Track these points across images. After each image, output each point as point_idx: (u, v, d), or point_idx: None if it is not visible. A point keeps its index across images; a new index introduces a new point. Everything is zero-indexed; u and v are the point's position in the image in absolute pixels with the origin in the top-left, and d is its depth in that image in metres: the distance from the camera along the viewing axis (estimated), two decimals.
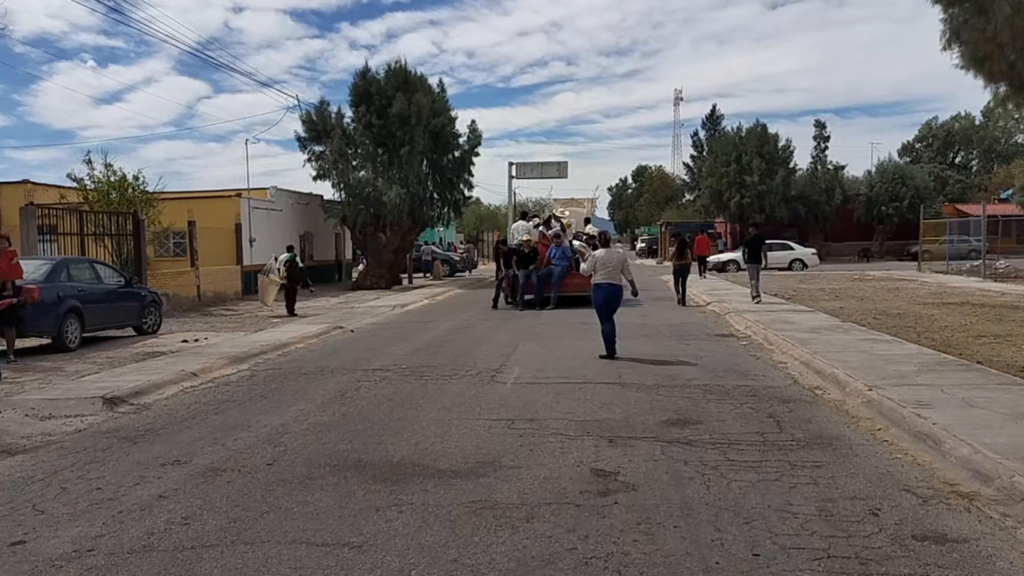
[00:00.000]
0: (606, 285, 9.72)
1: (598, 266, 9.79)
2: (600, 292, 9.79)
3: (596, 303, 9.92)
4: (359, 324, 14.88)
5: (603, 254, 9.94)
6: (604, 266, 9.75)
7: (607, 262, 9.77)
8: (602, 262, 9.79)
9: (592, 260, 9.98)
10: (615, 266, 9.79)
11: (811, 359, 8.88)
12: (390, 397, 7.61)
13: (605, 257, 9.85)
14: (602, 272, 9.75)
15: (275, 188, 26.72)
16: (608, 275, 9.74)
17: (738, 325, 13.07)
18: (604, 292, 9.75)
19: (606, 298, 9.76)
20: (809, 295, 19.40)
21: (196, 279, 21.02)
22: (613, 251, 10.09)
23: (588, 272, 10.07)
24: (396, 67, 27.55)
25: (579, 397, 7.38)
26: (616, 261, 9.83)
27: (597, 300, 9.88)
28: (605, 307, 9.80)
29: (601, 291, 9.77)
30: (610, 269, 9.74)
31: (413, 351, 10.87)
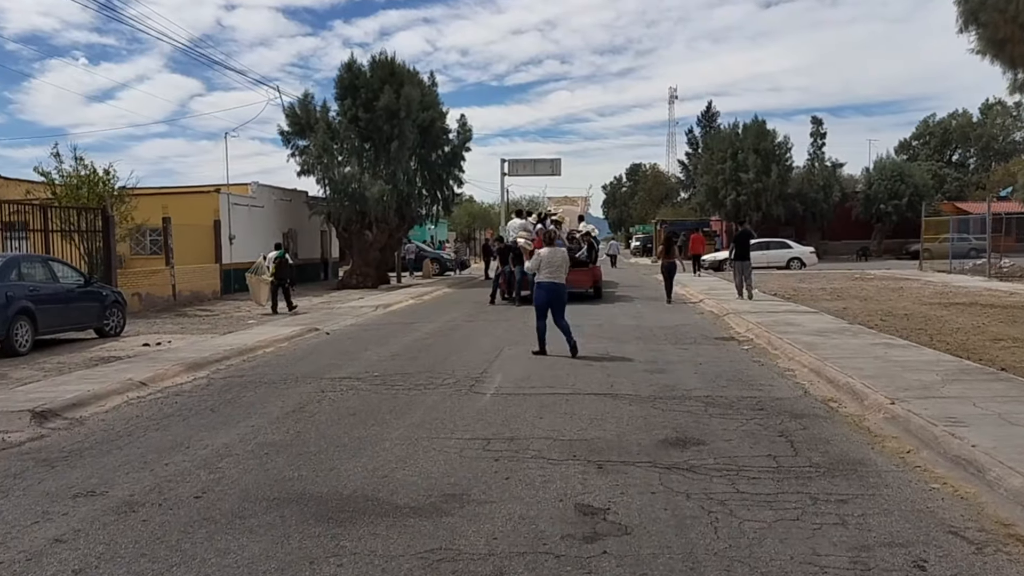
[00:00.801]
0: (548, 284, 9.71)
1: (542, 265, 9.74)
2: (542, 291, 9.77)
3: (538, 302, 9.89)
4: (337, 326, 14.05)
5: (547, 253, 9.82)
6: (548, 265, 9.71)
7: (551, 261, 9.74)
8: (546, 261, 9.73)
9: (536, 259, 9.88)
10: (559, 265, 9.80)
11: (822, 366, 8.10)
12: (354, 411, 6.79)
13: (549, 256, 9.78)
14: (546, 271, 9.72)
15: (256, 184, 25.84)
16: (552, 274, 9.73)
17: (738, 327, 12.29)
18: (546, 291, 9.74)
19: (548, 296, 9.75)
20: (810, 295, 18.64)
21: (171, 278, 20.15)
22: (557, 250, 10.02)
23: (532, 271, 10.04)
24: (382, 59, 26.69)
25: (566, 411, 6.58)
26: (560, 260, 9.85)
27: (539, 299, 9.85)
28: (547, 305, 9.79)
29: (543, 290, 9.75)
30: (554, 268, 9.73)
31: (389, 356, 10.05)
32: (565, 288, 9.98)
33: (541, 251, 9.99)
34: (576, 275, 18.09)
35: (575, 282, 17.74)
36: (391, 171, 26.37)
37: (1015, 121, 61.57)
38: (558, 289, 9.79)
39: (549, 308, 9.79)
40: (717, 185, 43.34)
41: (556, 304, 9.81)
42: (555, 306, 9.81)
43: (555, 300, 9.78)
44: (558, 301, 9.81)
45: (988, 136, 60.31)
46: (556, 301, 9.79)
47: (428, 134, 27.56)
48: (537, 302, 9.91)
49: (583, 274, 19.12)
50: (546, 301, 9.76)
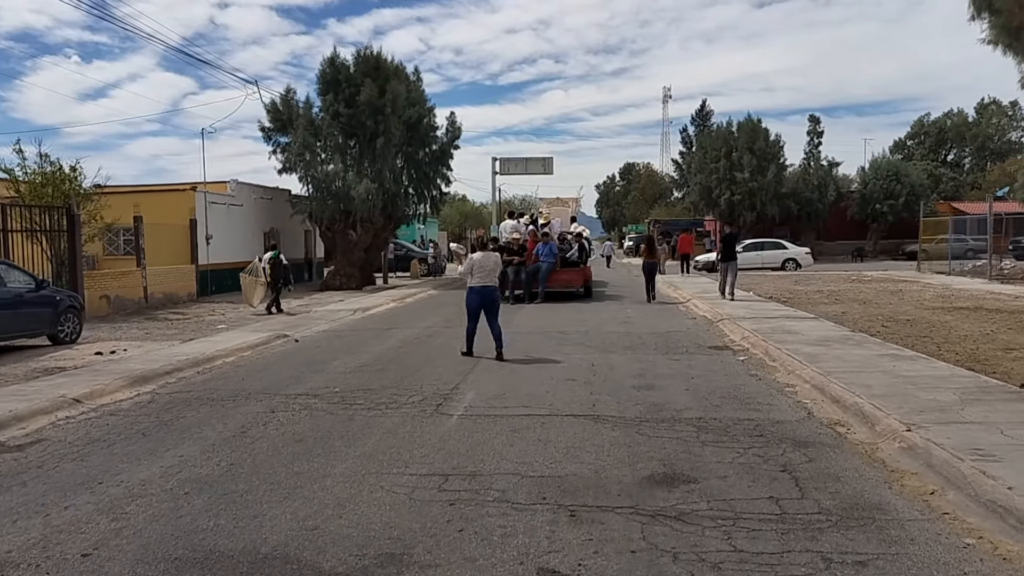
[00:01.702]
0: (479, 288, 9.77)
1: (474, 269, 9.80)
2: (474, 295, 9.82)
3: (469, 306, 9.92)
4: (308, 332, 13.26)
5: (480, 257, 9.87)
6: (480, 269, 9.77)
7: (483, 265, 9.80)
8: (479, 265, 9.78)
9: (468, 263, 9.94)
10: (492, 269, 9.88)
11: (825, 382, 7.36)
12: (301, 437, 6.01)
13: (482, 261, 9.82)
14: (478, 275, 9.77)
15: (235, 181, 24.98)
16: (484, 278, 9.78)
17: (733, 335, 11.55)
18: (478, 295, 9.79)
19: (480, 301, 9.80)
20: (806, 298, 17.94)
21: (143, 280, 19.31)
22: (489, 255, 10.06)
23: (464, 275, 10.06)
24: (366, 53, 25.89)
25: (540, 437, 5.81)
26: (493, 264, 9.92)
27: (471, 303, 9.88)
28: (479, 308, 9.82)
29: (475, 294, 9.81)
30: (486, 272, 9.80)
31: (356, 368, 9.27)
32: (498, 292, 10.06)
33: (473, 256, 9.99)
34: (567, 275, 19.36)
35: (566, 282, 19.34)
36: (376, 169, 25.56)
37: (1011, 121, 61.15)
38: (491, 293, 9.85)
39: (481, 311, 9.84)
40: (711, 184, 42.64)
41: (489, 308, 9.86)
42: (488, 310, 9.87)
43: (488, 304, 9.84)
44: (491, 305, 9.87)
45: (984, 136, 59.85)
46: (489, 305, 9.85)
47: (415, 131, 26.73)
48: (469, 306, 9.95)
49: (574, 274, 19.50)
50: (478, 305, 9.83)
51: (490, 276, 9.88)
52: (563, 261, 19.50)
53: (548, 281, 18.65)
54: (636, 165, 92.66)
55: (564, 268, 19.35)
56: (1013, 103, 61.34)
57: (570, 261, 19.85)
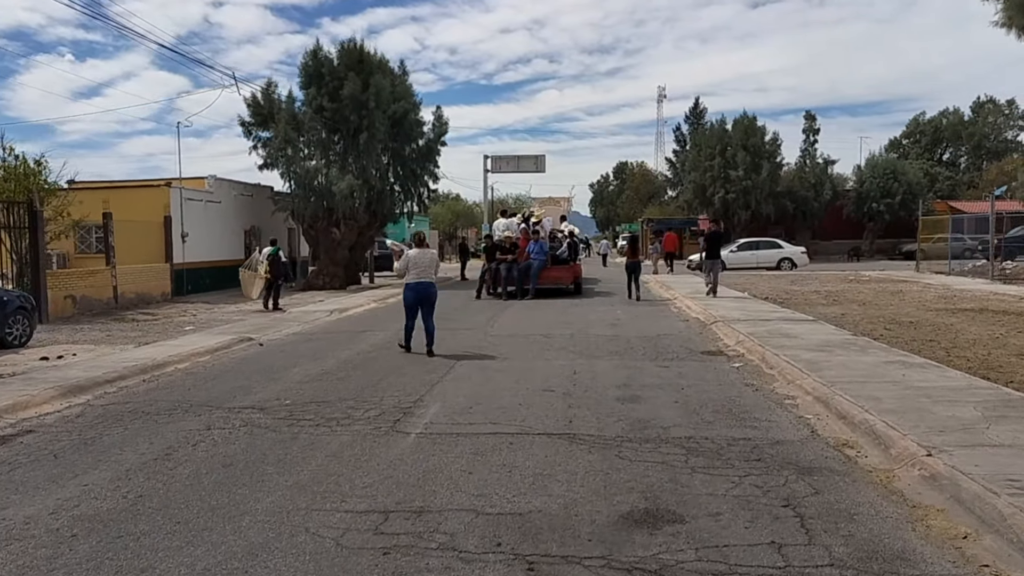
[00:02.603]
0: (415, 284, 9.83)
1: (410, 265, 9.84)
2: (410, 291, 9.85)
3: (406, 302, 9.93)
4: (277, 335, 12.47)
5: (416, 254, 9.93)
6: (416, 266, 9.83)
7: (419, 262, 9.86)
8: (414, 262, 9.85)
9: (404, 259, 9.98)
10: (427, 266, 9.92)
11: (829, 394, 6.61)
12: (231, 461, 5.23)
13: (417, 257, 9.89)
14: (414, 272, 9.83)
15: (214, 177, 24.14)
16: (420, 274, 9.83)
17: (727, 339, 10.81)
18: (414, 291, 9.84)
19: (416, 297, 9.85)
20: (803, 299, 17.22)
21: (112, 279, 18.47)
22: (426, 252, 10.08)
23: (401, 271, 10.07)
24: (350, 46, 25.06)
25: (505, 462, 5.05)
26: (428, 261, 9.96)
27: (407, 299, 9.90)
28: (416, 305, 9.85)
29: (411, 290, 9.84)
30: (422, 268, 9.85)
31: (317, 376, 8.49)
32: (434, 288, 10.01)
33: (409, 252, 10.01)
34: (557, 272, 19.81)
35: (557, 279, 19.77)
36: (361, 165, 24.77)
37: (1007, 119, 60.66)
38: (427, 289, 9.86)
39: (418, 308, 9.84)
40: (705, 183, 41.95)
41: (425, 304, 9.86)
42: (424, 306, 9.86)
43: (424, 300, 9.84)
44: (427, 301, 9.87)
45: (980, 135, 59.31)
46: (425, 301, 9.85)
47: (400, 126, 25.94)
48: (406, 302, 9.93)
49: (564, 271, 20.01)
50: (415, 300, 9.84)
51: (426, 272, 9.87)
52: (553, 259, 19.91)
53: (539, 278, 19.08)
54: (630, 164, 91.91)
55: (555, 266, 19.78)
56: (1010, 101, 60.93)
57: (560, 259, 20.18)
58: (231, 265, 24.70)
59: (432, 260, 10.06)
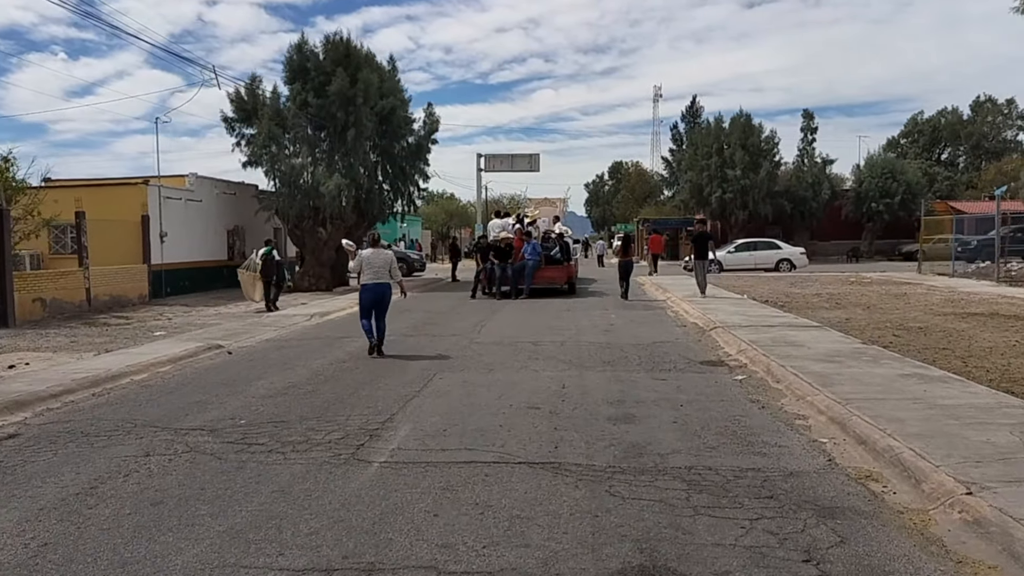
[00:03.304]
0: (372, 285, 9.84)
1: (364, 266, 9.86)
2: (367, 292, 9.88)
3: (362, 303, 9.97)
4: (249, 341, 11.75)
5: (369, 254, 9.91)
6: (370, 266, 9.83)
7: (372, 263, 9.84)
8: (368, 262, 9.84)
9: (358, 260, 9.96)
10: (381, 266, 9.88)
11: (845, 414, 5.93)
12: (162, 498, 4.53)
13: (371, 258, 9.87)
14: (368, 272, 9.84)
15: (194, 175, 23.37)
16: (375, 275, 9.83)
17: (728, 347, 10.13)
18: (371, 292, 9.86)
19: (373, 297, 9.86)
20: (805, 302, 16.58)
21: (85, 280, 17.71)
22: (380, 252, 10.02)
23: (355, 271, 10.08)
24: (336, 40, 24.35)
25: (478, 500, 4.36)
26: (382, 262, 9.91)
27: (363, 300, 9.93)
28: (372, 306, 9.86)
29: (368, 291, 9.87)
30: (376, 269, 9.84)
31: (282, 389, 7.78)
32: (388, 288, 10.00)
33: (363, 252, 10.00)
34: (551, 272, 20.09)
35: (551, 279, 20.10)
36: (348, 163, 24.04)
37: (1006, 119, 60.21)
38: (382, 290, 9.87)
39: (373, 308, 9.86)
40: (702, 182, 41.32)
41: (378, 305, 9.87)
42: (377, 307, 9.87)
43: (378, 301, 9.86)
44: (381, 303, 9.89)
45: (979, 134, 58.81)
46: (379, 302, 9.87)
47: (389, 123, 25.23)
48: (362, 303, 9.97)
49: (558, 271, 20.30)
50: (370, 302, 9.86)
51: (380, 272, 9.83)
52: (547, 259, 20.14)
53: (533, 278, 19.48)
54: (625, 164, 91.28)
55: (548, 265, 20.05)
56: (1009, 101, 60.48)
57: (554, 259, 20.39)
58: (213, 266, 24.01)
59: (386, 261, 9.95)
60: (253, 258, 18.13)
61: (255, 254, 18.21)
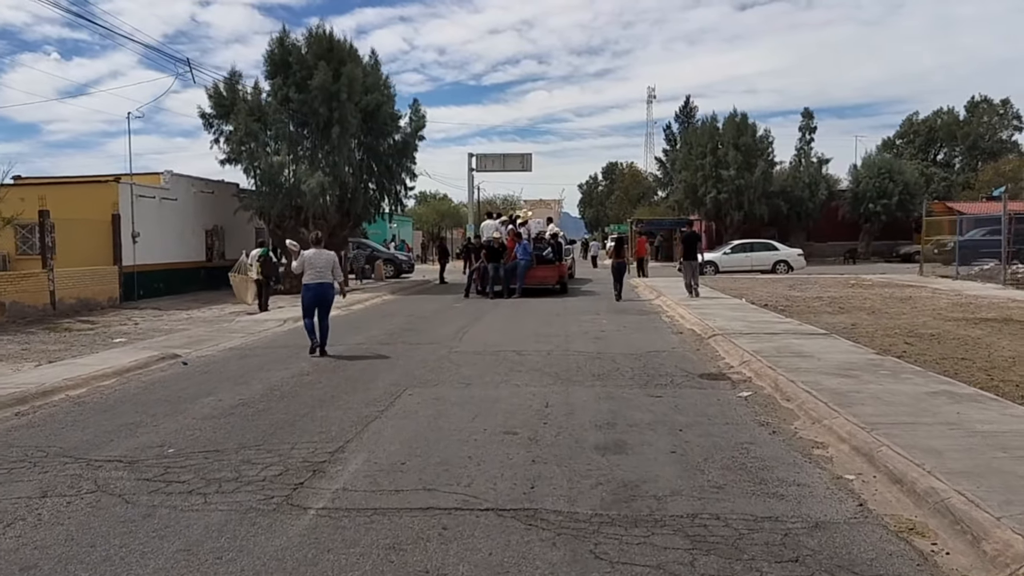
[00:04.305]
0: (315, 285, 9.87)
1: (306, 266, 9.87)
2: (309, 292, 9.89)
3: (305, 303, 9.99)
4: (211, 349, 10.84)
5: (311, 254, 9.95)
6: (312, 266, 9.86)
7: (315, 263, 9.88)
8: (309, 262, 9.88)
9: (300, 261, 10.00)
10: (323, 266, 9.91)
11: (871, 443, 5.08)
12: (36, 561, 3.63)
13: (313, 258, 9.91)
14: (310, 272, 9.86)
15: (170, 173, 22.41)
16: (317, 275, 9.85)
17: (729, 357, 9.27)
18: (313, 292, 9.88)
19: (315, 297, 9.90)
20: (806, 306, 15.77)
21: (49, 283, 16.76)
22: (322, 252, 10.07)
23: (298, 271, 10.10)
24: (319, 33, 23.42)
25: (430, 565, 3.48)
26: (324, 262, 9.94)
27: (305, 299, 9.95)
28: (314, 306, 9.88)
29: (310, 291, 9.89)
30: (318, 269, 9.86)
31: (229, 408, 6.89)
32: (331, 288, 10.00)
33: (305, 253, 10.03)
34: (543, 272, 20.39)
35: (542, 279, 20.36)
36: (331, 161, 23.11)
37: (1002, 119, 59.67)
38: (324, 291, 9.88)
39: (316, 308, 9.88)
40: (696, 182, 40.51)
41: (322, 304, 9.89)
42: (320, 307, 9.89)
43: (320, 301, 9.87)
44: (323, 302, 9.91)
45: (975, 135, 58.22)
46: (321, 302, 9.89)
47: (374, 120, 24.33)
48: (304, 303, 9.97)
49: (549, 271, 20.52)
50: (312, 301, 9.88)
51: (322, 272, 9.82)
52: (539, 259, 20.47)
53: (525, 278, 19.77)
54: (619, 164, 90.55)
55: (540, 265, 20.37)
56: (1004, 101, 59.95)
57: (546, 259, 20.64)
58: (190, 267, 23.07)
59: (328, 261, 9.97)
60: (244, 260, 17.71)
61: (245, 256, 17.82)
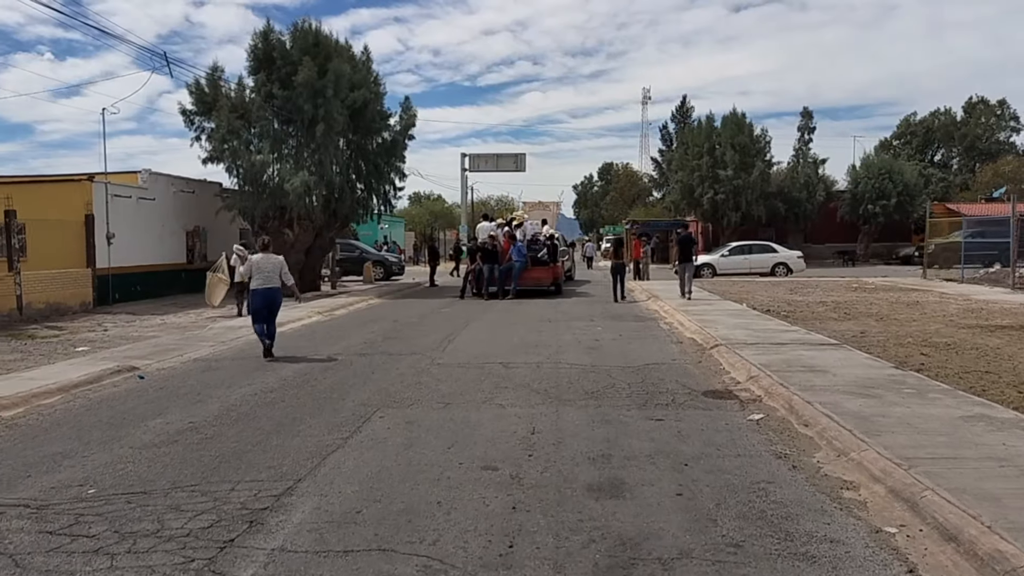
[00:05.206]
0: (263, 290, 9.93)
1: (254, 271, 9.95)
2: (257, 297, 9.98)
3: (254, 307, 10.12)
4: (173, 361, 10.03)
5: (259, 259, 10.03)
6: (259, 271, 9.93)
7: (262, 267, 9.94)
8: (257, 267, 9.95)
9: (248, 265, 10.10)
10: (271, 271, 9.97)
11: (912, 486, 4.31)
12: None
13: (261, 262, 9.98)
14: (258, 277, 9.93)
15: (148, 171, 21.54)
16: (265, 280, 9.91)
17: (735, 372, 8.51)
18: (261, 296, 9.95)
19: (263, 301, 9.96)
20: (810, 312, 15.04)
21: (16, 287, 15.91)
22: (270, 257, 10.13)
23: (245, 276, 10.19)
24: (304, 27, 22.63)
25: None
26: (272, 266, 10.00)
27: (255, 304, 10.07)
28: (263, 309, 9.95)
29: (258, 295, 9.97)
30: (266, 274, 9.92)
31: (175, 433, 6.08)
32: (279, 292, 10.05)
33: (253, 257, 10.12)
34: (537, 273, 20.46)
35: (537, 280, 20.47)
36: (317, 160, 22.30)
37: (999, 120, 59.20)
38: (271, 294, 9.94)
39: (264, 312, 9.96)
40: (693, 183, 39.78)
41: (269, 308, 9.96)
42: (268, 310, 9.96)
43: (268, 305, 9.95)
44: (272, 306, 9.99)
45: (972, 136, 57.72)
46: (269, 306, 9.97)
47: (362, 117, 23.51)
48: (253, 307, 10.11)
49: (544, 272, 20.61)
50: (262, 305, 9.96)
51: (270, 277, 9.88)
52: (534, 260, 20.48)
53: (520, 279, 19.94)
54: (614, 165, 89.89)
55: (535, 267, 20.42)
56: (1001, 102, 59.48)
57: (540, 260, 20.66)
58: (169, 270, 22.21)
59: (276, 266, 10.01)
60: (222, 261, 17.29)
61: (223, 258, 17.35)
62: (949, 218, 29.90)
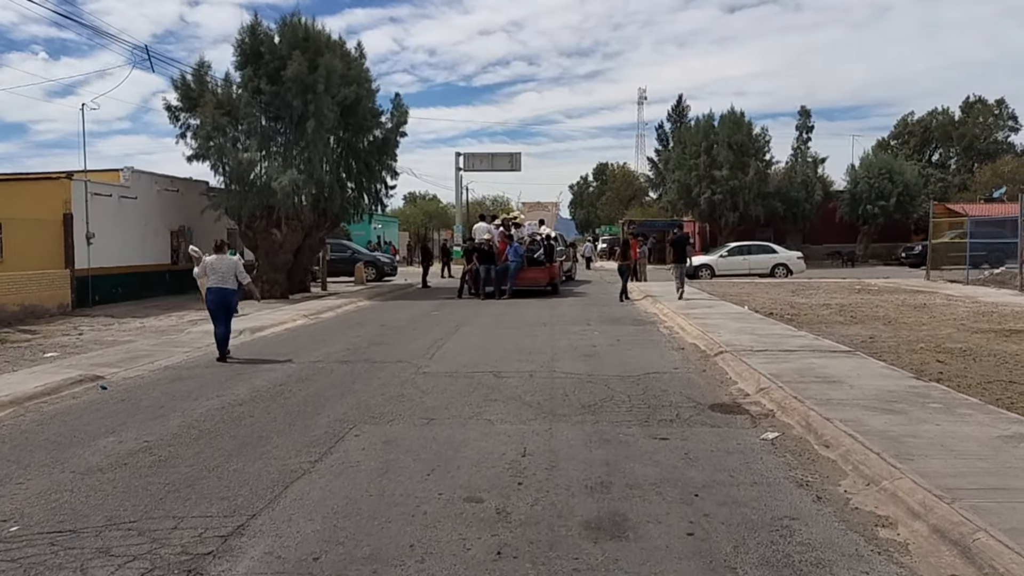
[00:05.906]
0: (217, 289, 9.93)
1: (208, 271, 9.99)
2: (212, 295, 9.98)
3: (210, 307, 10.08)
4: (142, 369, 9.41)
5: (213, 260, 10.05)
6: (214, 271, 9.94)
7: (216, 268, 9.95)
8: (211, 267, 9.97)
9: (202, 266, 10.15)
10: (225, 271, 9.96)
11: (963, 530, 3.72)
12: None
13: (214, 263, 9.99)
14: (212, 277, 9.94)
15: (130, 169, 20.87)
16: (219, 280, 9.91)
17: (743, 382, 7.91)
18: (215, 295, 9.94)
19: (216, 301, 9.94)
20: (815, 315, 14.47)
21: None
22: (224, 258, 10.15)
23: (200, 276, 10.25)
24: (293, 21, 21.95)
25: None
26: (226, 267, 10.00)
27: (209, 304, 10.06)
28: (217, 309, 9.96)
29: (212, 294, 9.97)
30: (220, 274, 9.93)
31: (124, 457, 5.47)
32: (232, 293, 10.07)
33: (206, 258, 10.16)
34: (534, 273, 20.40)
35: (533, 280, 20.40)
36: (306, 158, 21.63)
37: (997, 120, 58.79)
38: (224, 295, 9.95)
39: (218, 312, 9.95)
40: (690, 182, 39.21)
41: (223, 309, 9.98)
42: (222, 310, 9.97)
43: (222, 305, 9.95)
44: (225, 307, 10.01)
45: (971, 135, 57.30)
46: (224, 307, 9.99)
47: (353, 114, 22.84)
48: (209, 307, 10.09)
49: (540, 272, 20.51)
50: (216, 305, 9.94)
51: (224, 277, 9.89)
52: (530, 260, 20.43)
53: (516, 279, 19.86)
54: (610, 165, 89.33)
55: (531, 267, 20.36)
56: (999, 101, 59.09)
57: (537, 261, 20.58)
58: (153, 271, 21.55)
59: (230, 267, 10.00)
60: None
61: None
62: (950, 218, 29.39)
